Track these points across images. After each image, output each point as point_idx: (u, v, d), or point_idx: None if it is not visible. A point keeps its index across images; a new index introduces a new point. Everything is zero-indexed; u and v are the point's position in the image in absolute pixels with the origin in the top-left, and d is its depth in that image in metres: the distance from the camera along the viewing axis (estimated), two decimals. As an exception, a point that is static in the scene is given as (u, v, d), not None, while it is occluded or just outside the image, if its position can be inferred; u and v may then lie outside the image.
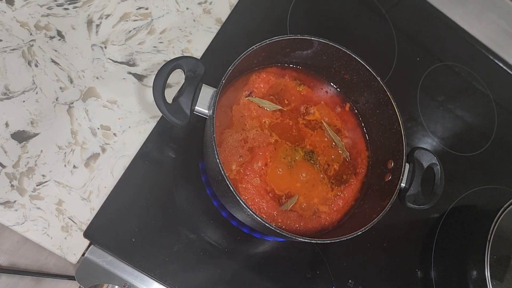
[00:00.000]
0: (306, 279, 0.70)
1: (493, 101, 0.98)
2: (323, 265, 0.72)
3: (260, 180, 0.64)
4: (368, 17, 0.95)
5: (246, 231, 0.69)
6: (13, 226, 0.60)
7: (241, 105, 0.67)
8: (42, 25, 0.69)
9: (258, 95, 0.69)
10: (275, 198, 0.64)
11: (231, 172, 0.64)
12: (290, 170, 0.66)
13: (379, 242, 0.77)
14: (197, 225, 0.67)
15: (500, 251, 0.70)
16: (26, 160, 0.63)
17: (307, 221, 0.65)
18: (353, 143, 0.72)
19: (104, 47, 0.72)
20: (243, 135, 0.66)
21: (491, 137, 0.94)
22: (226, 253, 0.68)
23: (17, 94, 0.65)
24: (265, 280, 0.68)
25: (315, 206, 0.66)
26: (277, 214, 0.64)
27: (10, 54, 0.67)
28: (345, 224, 0.67)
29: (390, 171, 0.66)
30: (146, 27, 0.75)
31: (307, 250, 0.72)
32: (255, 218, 0.54)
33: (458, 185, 0.87)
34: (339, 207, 0.67)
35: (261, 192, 0.64)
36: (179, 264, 0.64)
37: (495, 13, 1.07)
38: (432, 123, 0.90)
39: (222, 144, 0.64)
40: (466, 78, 0.99)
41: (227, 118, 0.66)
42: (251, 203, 0.63)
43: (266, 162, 0.65)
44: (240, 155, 0.64)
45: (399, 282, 0.76)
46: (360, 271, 0.74)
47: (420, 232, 0.82)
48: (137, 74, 0.72)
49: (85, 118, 0.67)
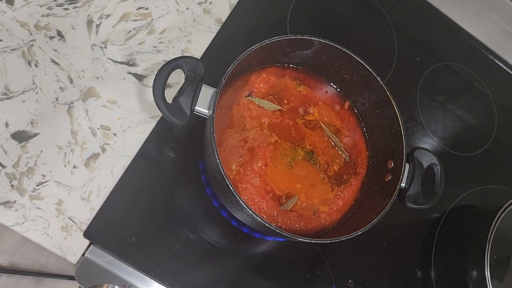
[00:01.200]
0: (306, 279, 0.70)
1: (493, 101, 0.98)
2: (323, 265, 0.72)
3: (260, 180, 0.64)
4: (368, 17, 0.95)
5: (246, 231, 0.69)
6: (13, 226, 0.60)
7: (241, 105, 0.67)
8: (42, 25, 0.69)
9: (258, 95, 0.69)
10: (275, 198, 0.64)
11: (231, 172, 0.63)
12: (290, 170, 0.66)
13: (379, 242, 0.77)
14: (197, 225, 0.67)
15: (500, 251, 0.70)
16: (26, 160, 0.63)
17: (307, 221, 0.65)
18: (353, 143, 0.72)
19: (104, 47, 0.72)
20: (243, 135, 0.66)
21: (491, 137, 0.94)
22: (226, 253, 0.68)
23: (17, 94, 0.65)
24: (265, 280, 0.68)
25: (315, 206, 0.66)
26: (277, 214, 0.64)
27: (10, 54, 0.67)
28: (345, 224, 0.67)
29: (390, 171, 0.66)
30: (146, 27, 0.75)
31: (307, 250, 0.72)
32: (255, 218, 0.54)
33: (458, 185, 0.87)
34: (339, 207, 0.67)
35: (261, 192, 0.64)
36: (179, 264, 0.64)
37: (495, 13, 1.07)
38: (432, 123, 0.90)
39: (222, 144, 0.64)
40: (466, 78, 0.99)
41: (227, 118, 0.66)
42: (251, 203, 0.63)
43: (266, 162, 0.65)
44: (240, 155, 0.64)
45: (399, 282, 0.76)
46: (360, 271, 0.74)
47: (420, 232, 0.82)
48: (137, 74, 0.72)
49: (85, 118, 0.67)
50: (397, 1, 1.00)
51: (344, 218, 0.68)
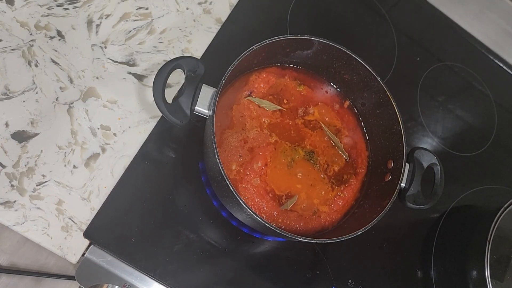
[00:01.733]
0: (306, 279, 0.70)
1: (493, 101, 0.98)
2: (323, 265, 0.72)
3: (260, 180, 0.64)
4: (368, 17, 0.95)
5: (246, 231, 0.69)
6: (13, 226, 0.60)
7: (241, 105, 0.67)
8: (42, 25, 0.69)
9: (258, 95, 0.69)
10: (275, 198, 0.64)
11: (231, 172, 0.63)
12: (290, 170, 0.66)
13: (379, 242, 0.77)
14: (197, 225, 0.67)
15: (500, 251, 0.70)
16: (26, 160, 0.63)
17: (307, 221, 0.65)
18: (353, 143, 0.72)
19: (104, 47, 0.72)
20: (243, 135, 0.66)
21: (491, 137, 0.94)
22: (226, 253, 0.68)
23: (17, 94, 0.65)
24: (265, 280, 0.68)
25: (315, 206, 0.66)
26: (277, 214, 0.64)
27: (10, 54, 0.67)
28: (345, 224, 0.67)
29: (390, 171, 0.66)
30: (146, 27, 0.75)
31: (307, 250, 0.72)
32: (255, 218, 0.54)
33: (458, 185, 0.87)
34: (339, 207, 0.67)
35: (261, 192, 0.64)
36: (179, 264, 0.64)
37: (495, 13, 1.07)
38: (432, 123, 0.90)
39: (222, 144, 0.64)
40: (466, 78, 0.99)
41: (227, 118, 0.66)
42: (251, 203, 0.63)
43: (266, 162, 0.65)
44: (240, 155, 0.64)
45: (399, 282, 0.76)
46: (360, 271, 0.74)
47: (420, 232, 0.82)
48: (137, 74, 0.72)
49: (85, 118, 0.67)
50: (397, 1, 1.00)
51: (344, 218, 0.68)
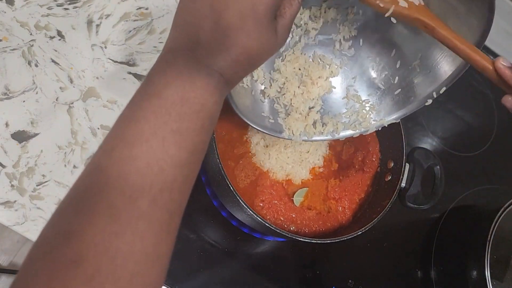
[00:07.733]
0: (306, 279, 0.70)
1: (493, 101, 0.98)
2: (323, 265, 0.72)
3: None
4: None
5: (246, 231, 0.69)
6: (13, 226, 0.60)
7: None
8: (42, 25, 0.69)
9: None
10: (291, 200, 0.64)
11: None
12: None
13: (379, 242, 0.77)
14: (197, 225, 0.67)
15: (500, 251, 0.70)
16: (26, 160, 0.63)
17: (325, 219, 0.65)
18: (365, 142, 0.71)
19: (104, 47, 0.72)
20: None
21: (491, 137, 0.94)
22: (226, 253, 0.68)
23: (17, 94, 0.65)
24: (265, 280, 0.68)
25: (328, 202, 0.66)
26: (296, 215, 0.64)
27: (10, 54, 0.67)
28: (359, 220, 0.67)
29: (390, 171, 0.66)
30: (146, 27, 0.75)
31: (307, 250, 0.72)
32: (255, 218, 0.54)
33: (458, 185, 0.87)
34: (351, 204, 0.67)
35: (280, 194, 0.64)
36: (179, 264, 0.64)
37: (495, 13, 1.07)
38: (432, 123, 0.90)
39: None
40: (466, 78, 0.98)
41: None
42: (268, 205, 0.63)
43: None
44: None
45: (399, 282, 0.76)
46: (360, 271, 0.74)
47: (420, 232, 0.82)
48: (137, 74, 0.72)
49: (85, 118, 0.67)
50: (397, 1, 1.00)
51: (357, 214, 0.67)
